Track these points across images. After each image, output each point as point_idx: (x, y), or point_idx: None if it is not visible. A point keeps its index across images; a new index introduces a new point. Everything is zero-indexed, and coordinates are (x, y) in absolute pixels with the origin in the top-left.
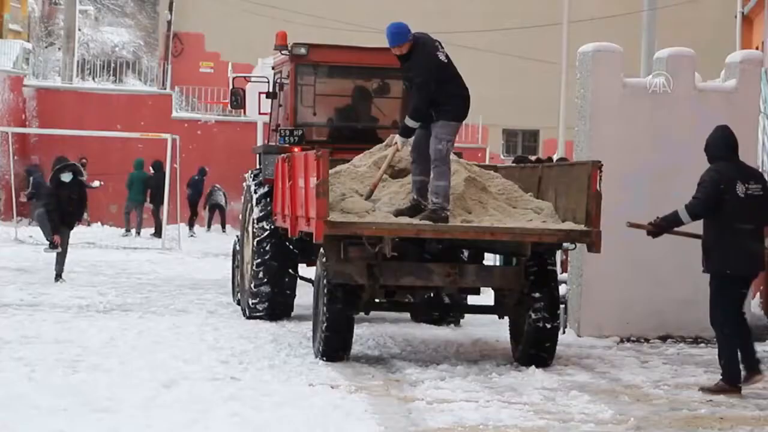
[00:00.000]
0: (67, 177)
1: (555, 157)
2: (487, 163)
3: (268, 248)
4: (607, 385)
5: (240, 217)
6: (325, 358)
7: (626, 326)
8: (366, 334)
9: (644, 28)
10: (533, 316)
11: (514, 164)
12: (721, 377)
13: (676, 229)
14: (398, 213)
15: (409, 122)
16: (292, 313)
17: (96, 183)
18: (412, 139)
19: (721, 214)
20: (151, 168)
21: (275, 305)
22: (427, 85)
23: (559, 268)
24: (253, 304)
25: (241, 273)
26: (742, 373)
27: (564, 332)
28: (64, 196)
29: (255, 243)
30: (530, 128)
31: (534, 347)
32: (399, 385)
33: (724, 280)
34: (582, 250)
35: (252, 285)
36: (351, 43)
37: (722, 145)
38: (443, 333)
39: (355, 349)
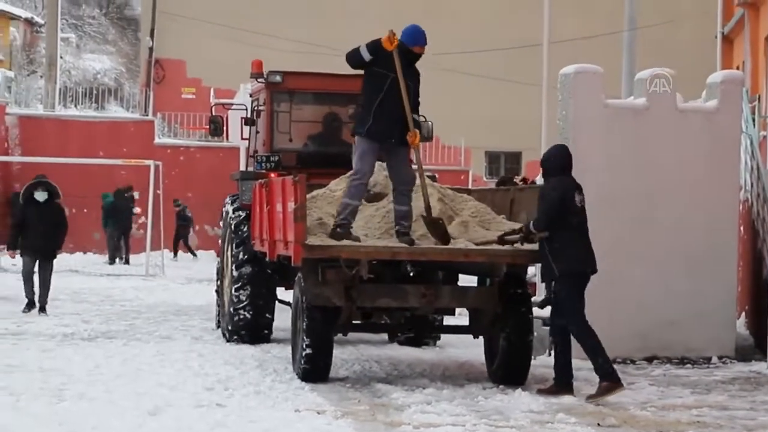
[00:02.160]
0: (41, 196)
1: (538, 180)
2: (470, 185)
3: (246, 272)
4: (594, 408)
5: (219, 242)
6: (305, 380)
7: (611, 348)
8: (351, 358)
9: (624, 48)
10: (507, 335)
11: (498, 186)
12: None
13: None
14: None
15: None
16: (275, 337)
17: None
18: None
19: (566, 221)
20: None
21: (254, 329)
22: None
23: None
24: (232, 327)
25: (222, 297)
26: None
27: (549, 354)
28: (35, 218)
29: (233, 267)
30: (513, 150)
31: (508, 366)
32: (385, 410)
33: (574, 278)
34: None
35: (231, 309)
36: (332, 67)
37: (560, 161)
38: (428, 356)
39: (341, 373)
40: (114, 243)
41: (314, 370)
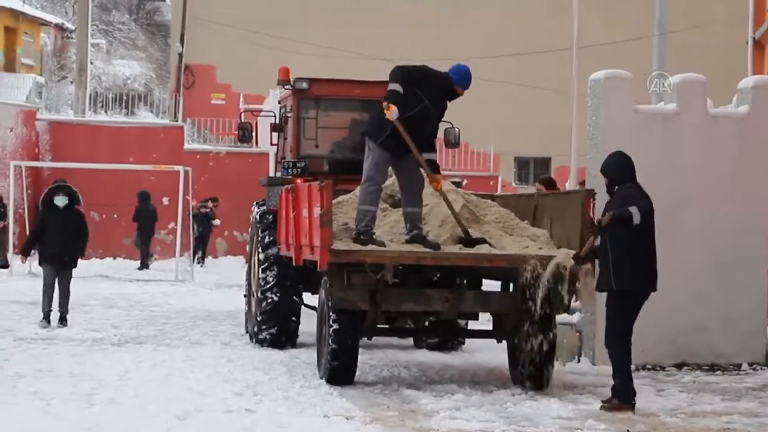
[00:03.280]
0: (61, 201)
1: (567, 185)
2: (499, 191)
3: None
4: (623, 414)
5: (247, 247)
6: (331, 383)
7: (641, 354)
8: (380, 363)
9: (655, 54)
10: (530, 339)
11: (540, 183)
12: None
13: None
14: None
15: (435, 157)
16: (304, 342)
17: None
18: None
19: (634, 231)
20: (137, 199)
21: (280, 333)
22: None
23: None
24: (258, 331)
25: (249, 301)
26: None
27: (579, 361)
28: (55, 225)
29: (260, 272)
30: (542, 156)
31: (532, 370)
32: (414, 416)
33: (630, 297)
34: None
35: (258, 313)
36: (360, 72)
37: (630, 168)
38: (457, 361)
39: (369, 378)
40: (141, 248)
41: (340, 373)
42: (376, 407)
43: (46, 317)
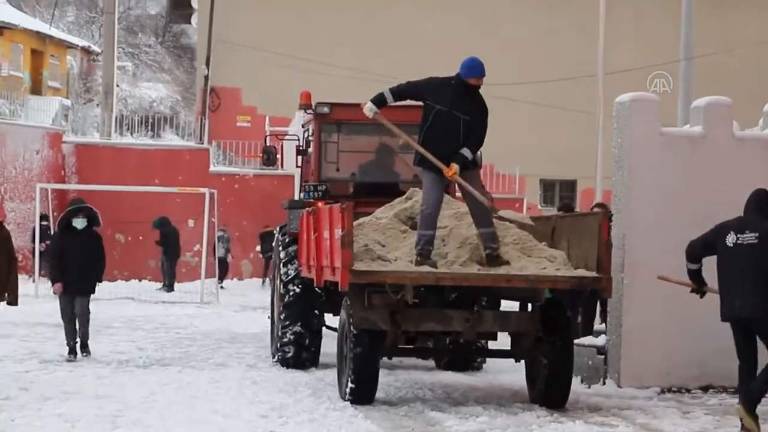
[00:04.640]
0: (80, 223)
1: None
2: (524, 213)
3: (294, 298)
4: None
5: (272, 269)
6: (351, 402)
7: (667, 376)
8: (404, 385)
9: (681, 76)
10: (548, 359)
11: (559, 211)
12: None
13: (709, 286)
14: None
15: (468, 153)
16: (328, 364)
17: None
18: None
19: (717, 263)
20: (159, 224)
21: (302, 353)
22: None
23: (598, 319)
24: (281, 352)
25: (272, 322)
26: None
27: (604, 383)
28: (74, 248)
29: (282, 293)
30: (567, 178)
31: (549, 389)
32: None
33: (732, 326)
34: (621, 300)
35: (280, 334)
36: None
37: (748, 202)
38: (481, 383)
39: (394, 400)
40: (167, 270)
41: (360, 392)
42: (401, 429)
43: (72, 351)
